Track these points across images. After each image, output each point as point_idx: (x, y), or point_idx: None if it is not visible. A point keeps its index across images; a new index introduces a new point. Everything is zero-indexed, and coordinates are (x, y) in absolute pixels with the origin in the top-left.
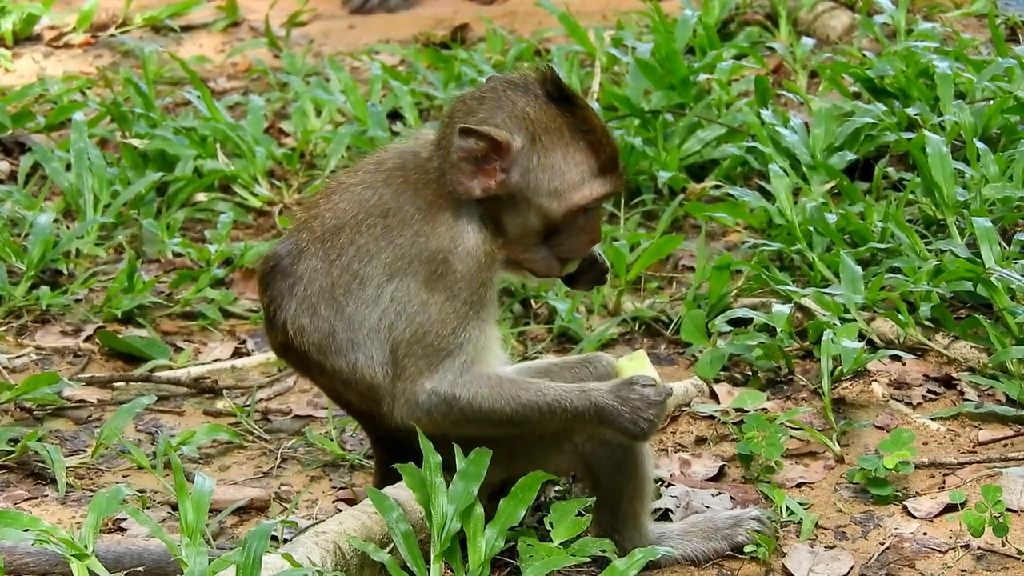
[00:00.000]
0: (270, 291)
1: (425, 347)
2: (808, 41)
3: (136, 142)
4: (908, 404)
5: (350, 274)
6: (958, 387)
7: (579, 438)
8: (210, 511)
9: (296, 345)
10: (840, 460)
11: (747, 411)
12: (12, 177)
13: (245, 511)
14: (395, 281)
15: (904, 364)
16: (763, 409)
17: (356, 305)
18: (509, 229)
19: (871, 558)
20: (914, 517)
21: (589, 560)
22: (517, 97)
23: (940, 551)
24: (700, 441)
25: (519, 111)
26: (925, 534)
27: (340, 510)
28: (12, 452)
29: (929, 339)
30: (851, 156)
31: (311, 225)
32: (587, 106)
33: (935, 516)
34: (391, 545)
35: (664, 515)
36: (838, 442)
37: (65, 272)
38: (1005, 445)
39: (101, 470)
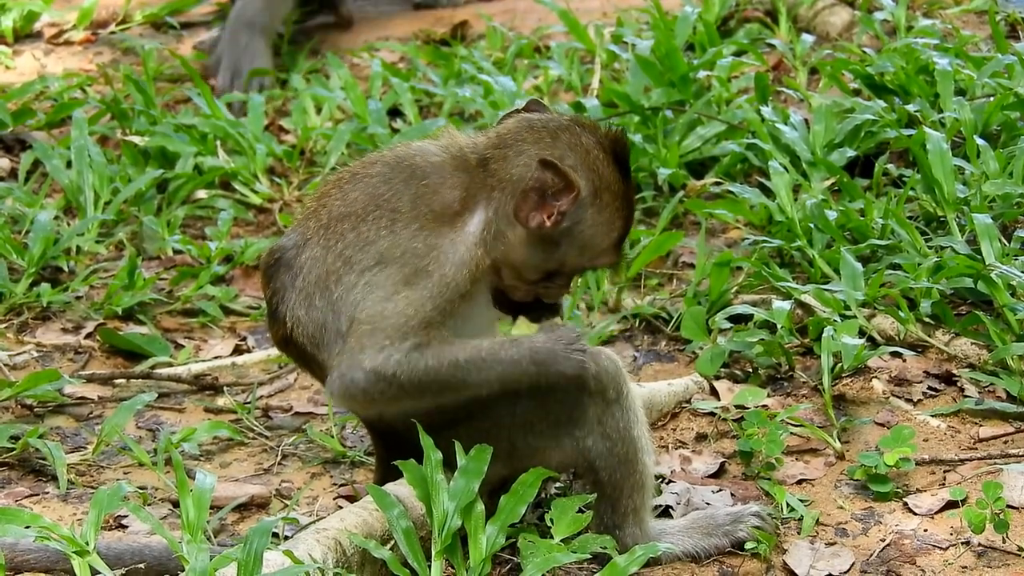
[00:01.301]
0: (273, 284)
1: (374, 328)
2: (808, 38)
3: (136, 139)
4: (908, 401)
5: (342, 260)
6: (958, 384)
7: (579, 432)
8: (211, 508)
9: (295, 338)
10: (841, 457)
11: (747, 408)
12: (13, 174)
13: (246, 508)
14: (377, 268)
15: (904, 361)
16: (763, 406)
17: (340, 292)
18: (517, 259)
19: (872, 555)
20: (915, 514)
21: (590, 557)
22: (592, 146)
23: (941, 548)
24: (700, 438)
25: (592, 162)
26: (926, 531)
27: (341, 507)
28: (13, 449)
29: (929, 336)
30: (851, 153)
31: (319, 214)
32: (633, 180)
33: (936, 513)
34: (392, 542)
35: (665, 512)
36: (839, 439)
37: (66, 269)
38: (1006, 442)
39: (102, 467)
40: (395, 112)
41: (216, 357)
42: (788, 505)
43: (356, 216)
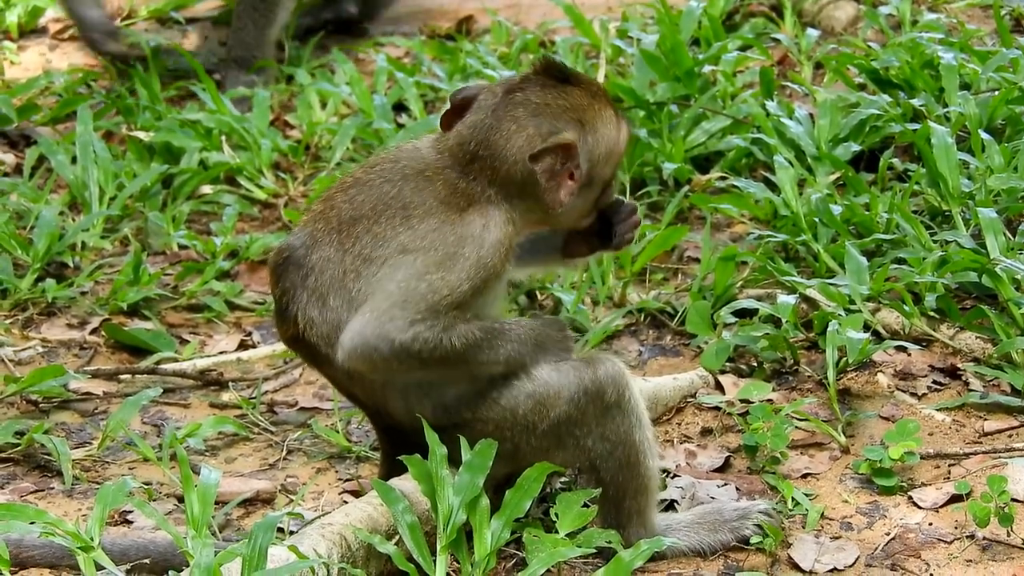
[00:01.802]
0: (282, 283)
1: (406, 301)
2: (813, 32)
3: (141, 135)
4: (913, 395)
5: (361, 259)
6: (963, 378)
7: (580, 432)
8: (216, 503)
9: (307, 337)
10: (845, 451)
11: (752, 402)
12: (18, 170)
13: (251, 503)
14: (401, 256)
15: (909, 355)
16: (768, 400)
17: (359, 285)
18: (566, 216)
19: (876, 548)
20: (919, 507)
21: (595, 551)
22: (544, 96)
23: (946, 541)
24: (706, 432)
25: (557, 107)
26: (931, 524)
27: (346, 502)
28: (18, 445)
29: (934, 330)
30: (856, 147)
31: (327, 216)
32: (579, 71)
33: (940, 506)
34: (397, 537)
35: (670, 506)
36: (843, 433)
37: (71, 265)
38: (1010, 435)
39: (107, 462)
40: (400, 107)
41: (221, 352)
42: (793, 499)
43: (367, 218)
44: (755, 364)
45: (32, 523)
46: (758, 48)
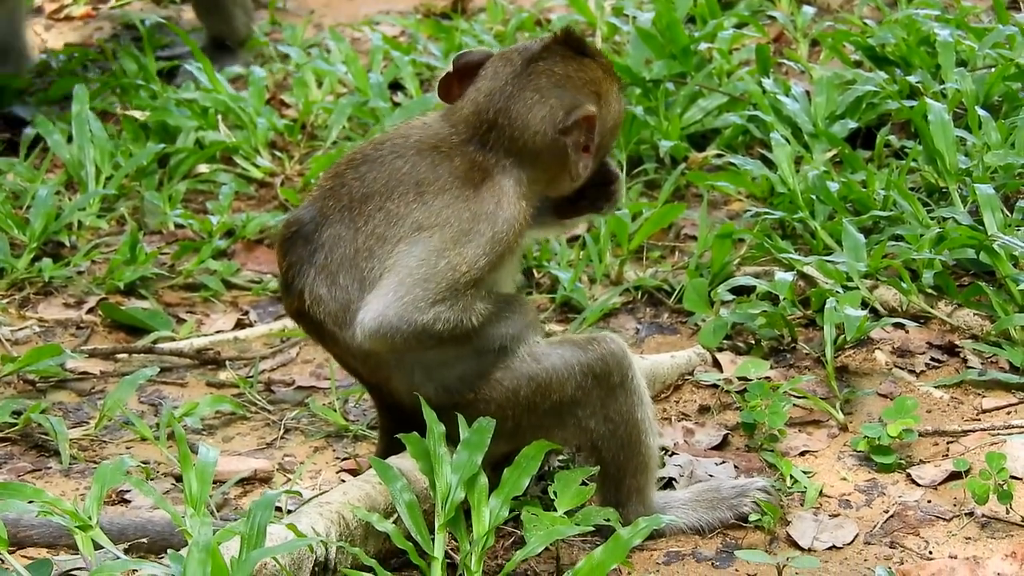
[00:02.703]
0: (289, 256)
1: (426, 279)
2: (809, 9)
3: (137, 114)
4: (911, 372)
5: (375, 238)
6: (961, 355)
7: (582, 413)
8: (214, 482)
9: (312, 314)
10: (844, 428)
11: (750, 380)
12: (13, 149)
13: (249, 482)
14: (419, 233)
15: (907, 332)
16: (766, 378)
17: (372, 264)
18: (575, 184)
19: (875, 526)
20: (918, 485)
21: (593, 529)
22: (566, 69)
23: (944, 519)
24: (703, 410)
25: (578, 81)
26: (929, 502)
27: (344, 480)
28: (15, 424)
29: (932, 307)
30: (853, 124)
31: (337, 193)
32: (591, 44)
33: (939, 484)
34: (395, 515)
35: (668, 484)
36: (841, 410)
37: (67, 244)
38: (1009, 412)
39: (104, 442)
40: (396, 86)
41: (218, 331)
42: (791, 477)
43: (380, 195)
44: (753, 342)
45: (30, 502)
46: (754, 25)
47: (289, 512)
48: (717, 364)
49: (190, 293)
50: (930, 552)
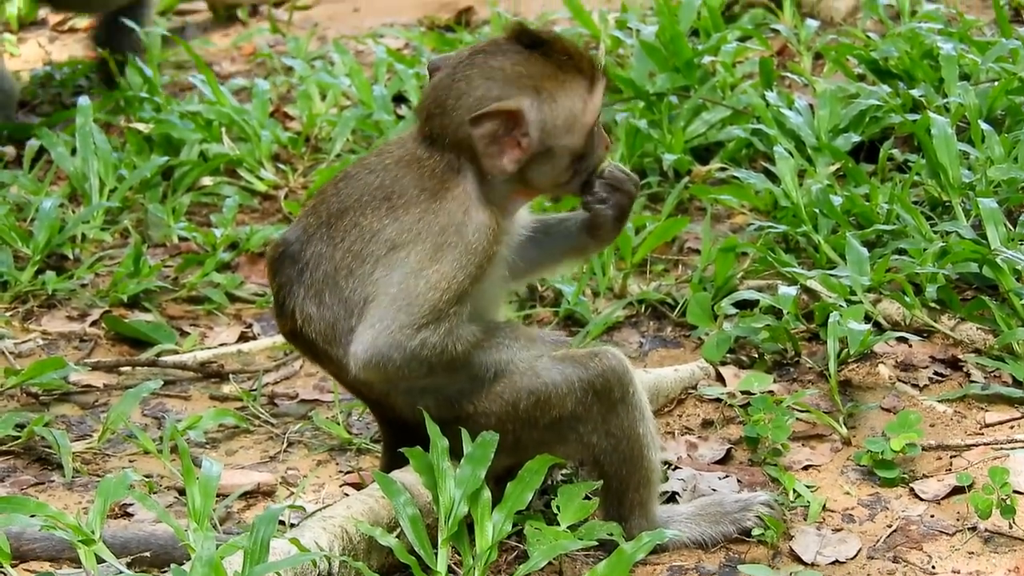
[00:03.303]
0: (279, 277)
1: (410, 304)
2: (812, 23)
3: (141, 126)
4: (915, 386)
5: (351, 255)
6: (964, 369)
7: (583, 428)
8: (217, 496)
9: (304, 333)
10: (847, 442)
11: (754, 393)
12: (17, 162)
13: (252, 496)
14: (393, 252)
15: (910, 346)
16: (770, 391)
17: (353, 285)
18: (539, 179)
19: (878, 540)
20: (921, 499)
21: (596, 543)
22: (502, 61)
23: (947, 533)
24: (707, 424)
25: (511, 73)
26: (932, 516)
27: (347, 494)
28: (18, 437)
29: (935, 321)
30: (856, 138)
31: (317, 210)
32: (556, 34)
33: (942, 498)
34: (398, 529)
35: (671, 498)
36: (845, 424)
37: (71, 257)
38: (1012, 427)
39: (108, 455)
40: (400, 99)
41: (222, 344)
42: (794, 491)
43: (353, 210)
44: (756, 355)
45: (33, 516)
46: (758, 38)
47: (292, 526)
48: (720, 378)
49: (194, 306)
50: (933, 567)
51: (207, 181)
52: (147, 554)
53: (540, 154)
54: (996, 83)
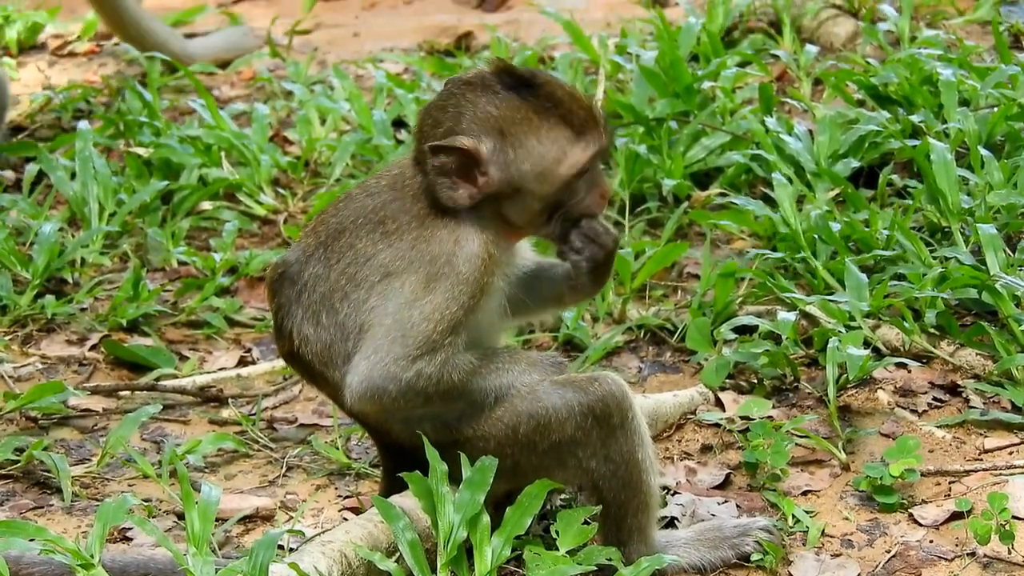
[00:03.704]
0: (278, 298)
1: (405, 336)
2: (812, 48)
3: (141, 151)
4: (914, 411)
5: (346, 277)
6: (964, 394)
7: (583, 454)
8: (216, 520)
9: (302, 354)
10: (846, 468)
11: (753, 419)
12: (17, 186)
13: (251, 520)
14: (387, 280)
15: (910, 371)
16: (769, 417)
17: (348, 309)
18: (514, 218)
19: (877, 566)
20: (920, 525)
21: (595, 568)
22: (476, 98)
23: (946, 559)
24: (706, 449)
25: (481, 112)
26: (931, 542)
27: (346, 519)
28: (18, 461)
29: (934, 346)
30: (855, 163)
31: (316, 231)
32: (549, 80)
33: (941, 524)
34: (397, 554)
35: (670, 523)
36: (844, 450)
37: (70, 281)
38: (1011, 452)
39: (107, 479)
40: (400, 123)
41: (221, 369)
42: (793, 516)
43: (349, 232)
44: (755, 381)
45: (32, 540)
46: (757, 64)
47: (291, 551)
48: (719, 403)
49: (193, 330)
50: None
51: (206, 205)
52: None
53: (508, 194)
54: (996, 109)
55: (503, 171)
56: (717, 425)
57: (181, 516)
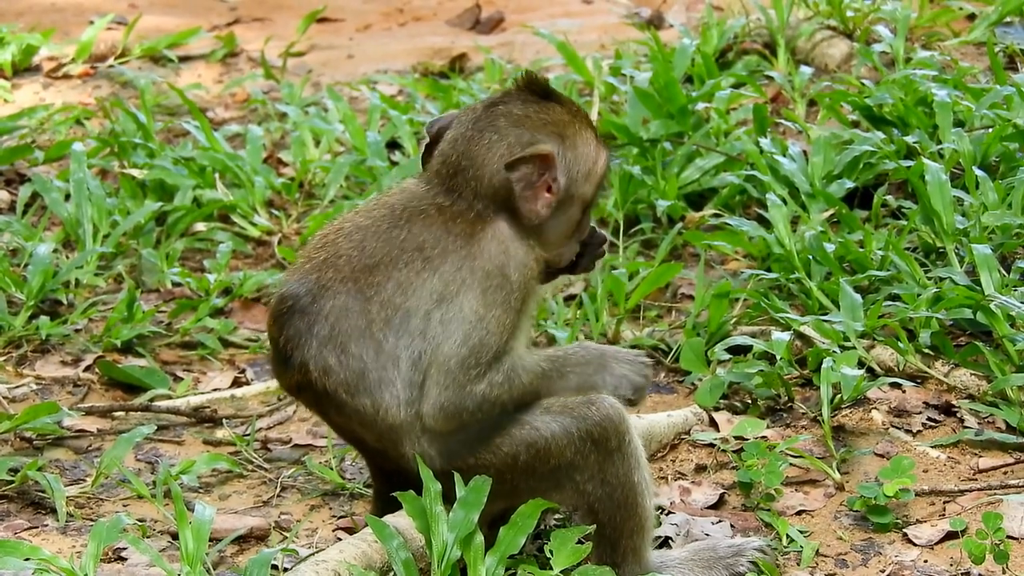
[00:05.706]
0: (286, 331)
1: (478, 358)
2: (806, 70)
3: (135, 172)
4: (908, 431)
5: (392, 308)
6: (958, 414)
7: (579, 477)
8: (210, 540)
9: (318, 385)
10: (840, 488)
11: (747, 439)
12: (11, 207)
13: (245, 540)
14: (445, 305)
15: (904, 392)
16: (763, 437)
17: (397, 338)
18: (551, 232)
19: None
20: (915, 545)
21: None
22: (525, 110)
23: None
24: (700, 469)
25: (537, 121)
26: (926, 562)
27: (340, 539)
28: (12, 482)
29: (929, 366)
30: (850, 184)
31: (335, 264)
32: (559, 91)
33: (936, 544)
34: (391, 573)
35: (664, 543)
36: (838, 470)
37: (65, 302)
38: (1005, 472)
39: (101, 499)
40: (394, 145)
41: (215, 389)
42: (788, 536)
43: (385, 265)
44: (749, 401)
45: (26, 560)
46: (751, 85)
47: (286, 570)
48: (714, 423)
49: (187, 351)
50: None
51: (201, 227)
52: None
53: (562, 202)
54: (990, 129)
55: (566, 175)
56: (711, 445)
57: (175, 536)
